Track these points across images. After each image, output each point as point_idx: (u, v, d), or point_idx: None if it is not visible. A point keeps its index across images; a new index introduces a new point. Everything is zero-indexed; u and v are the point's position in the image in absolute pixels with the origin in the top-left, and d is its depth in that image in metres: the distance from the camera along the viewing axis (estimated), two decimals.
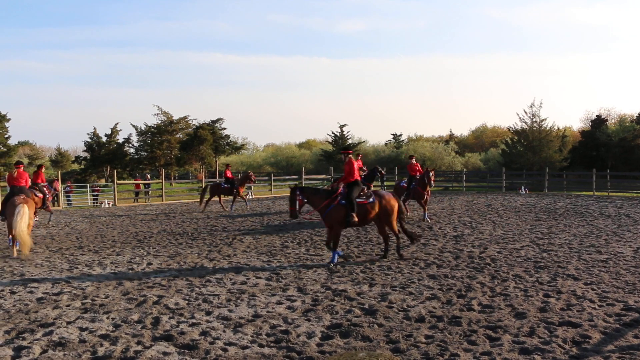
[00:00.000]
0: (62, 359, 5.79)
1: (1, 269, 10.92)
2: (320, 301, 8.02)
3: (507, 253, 11.76)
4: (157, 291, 8.78)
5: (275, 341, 6.28)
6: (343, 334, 6.51)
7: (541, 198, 27.98)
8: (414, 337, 6.32)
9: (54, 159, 78.39)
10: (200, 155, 62.51)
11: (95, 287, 9.13)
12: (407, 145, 74.36)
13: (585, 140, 54.22)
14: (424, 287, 8.82)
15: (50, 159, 79.29)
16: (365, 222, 11.45)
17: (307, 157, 79.46)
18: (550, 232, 14.83)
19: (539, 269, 10.07)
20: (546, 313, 7.18)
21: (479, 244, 13.09)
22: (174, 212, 23.94)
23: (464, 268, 10.28)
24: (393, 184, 40.36)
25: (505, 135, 66.04)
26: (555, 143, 53.89)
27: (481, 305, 7.63)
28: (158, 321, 7.11)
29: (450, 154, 66.87)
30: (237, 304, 7.97)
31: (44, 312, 7.65)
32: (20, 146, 79.31)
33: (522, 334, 6.33)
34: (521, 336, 6.27)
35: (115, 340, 6.36)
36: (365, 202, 11.20)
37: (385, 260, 11.21)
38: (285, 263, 11.10)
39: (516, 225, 16.48)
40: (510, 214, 19.98)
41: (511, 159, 53.59)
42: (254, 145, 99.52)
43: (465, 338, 6.26)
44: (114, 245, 13.88)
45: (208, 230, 16.73)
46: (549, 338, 6.17)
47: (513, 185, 37.68)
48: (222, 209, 24.17)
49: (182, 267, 10.88)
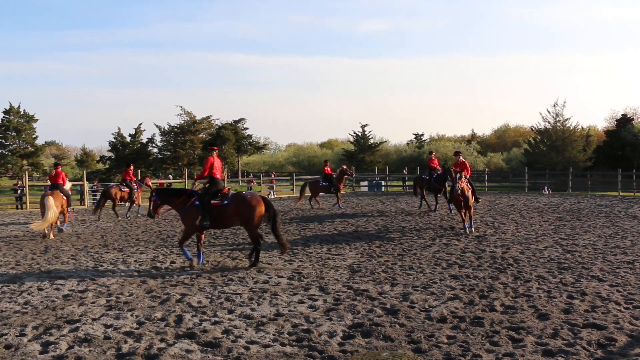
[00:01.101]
0: (88, 355, 5.86)
1: (29, 266, 11.10)
2: (342, 300, 8.01)
3: (530, 254, 11.63)
4: (180, 289, 8.84)
5: (296, 340, 6.29)
6: (364, 333, 6.49)
7: (565, 198, 27.62)
8: (436, 337, 6.28)
9: (79, 159, 79.57)
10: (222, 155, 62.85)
11: (119, 285, 9.23)
12: (428, 145, 73.98)
13: (610, 139, 53.40)
14: (446, 287, 8.76)
15: (76, 158, 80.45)
16: (222, 225, 10.97)
17: (328, 156, 79.34)
18: (574, 233, 14.63)
19: (563, 270, 9.93)
20: (570, 315, 7.08)
21: (501, 244, 12.95)
22: None
23: (486, 268, 10.18)
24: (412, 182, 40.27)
25: (528, 134, 65.44)
26: (579, 142, 53.29)
27: (504, 306, 7.55)
28: (181, 319, 7.15)
29: (472, 153, 66.48)
30: (259, 302, 7.99)
31: (70, 308, 7.75)
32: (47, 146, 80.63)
33: (545, 336, 6.25)
34: (544, 338, 6.19)
35: (139, 337, 6.42)
36: (218, 204, 10.58)
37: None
38: (307, 262, 11.11)
39: (539, 226, 16.29)
40: (533, 214, 19.75)
41: (534, 158, 53.10)
42: (276, 145, 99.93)
43: (488, 339, 6.20)
44: (138, 244, 14.02)
45: (230, 230, 16.80)
46: (573, 340, 6.08)
47: (536, 185, 37.27)
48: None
49: (205, 265, 10.94)
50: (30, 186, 29.83)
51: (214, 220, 10.70)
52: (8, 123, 58.82)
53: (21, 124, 59.53)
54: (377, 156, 69.56)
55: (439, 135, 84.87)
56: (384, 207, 23.88)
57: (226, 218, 10.67)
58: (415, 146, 75.63)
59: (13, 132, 59.38)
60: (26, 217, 22.11)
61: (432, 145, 72.39)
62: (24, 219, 21.34)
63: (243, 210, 10.53)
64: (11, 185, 39.04)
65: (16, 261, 11.67)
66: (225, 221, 10.82)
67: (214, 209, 10.62)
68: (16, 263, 11.45)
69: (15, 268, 10.90)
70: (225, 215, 10.63)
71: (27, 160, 59.59)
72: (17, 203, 29.28)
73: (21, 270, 10.64)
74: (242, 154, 67.63)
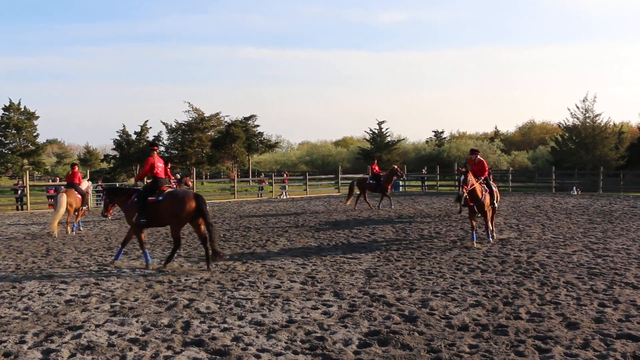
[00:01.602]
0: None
1: (30, 269, 11.20)
2: (358, 307, 7.99)
3: (558, 258, 11.54)
4: (188, 294, 8.88)
5: (310, 348, 6.28)
6: (381, 341, 6.48)
7: (595, 199, 27.40)
8: (457, 346, 6.24)
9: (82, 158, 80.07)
10: (232, 153, 63.14)
11: (124, 290, 9.28)
12: (449, 142, 73.71)
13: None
14: (468, 293, 8.71)
15: (79, 157, 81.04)
16: (157, 222, 11.36)
17: (343, 155, 79.49)
18: (605, 237, 14.50)
19: (593, 275, 9.84)
20: (602, 324, 7.00)
21: (526, 248, 12.87)
22: None
23: (510, 274, 10.12)
24: (434, 183, 40.22)
25: (555, 132, 65.00)
26: (611, 140, 52.75)
27: (529, 314, 7.50)
28: (189, 326, 7.18)
29: (496, 152, 66.14)
30: (270, 308, 7.99)
31: (73, 314, 7.80)
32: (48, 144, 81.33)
33: (575, 346, 6.19)
34: (574, 348, 6.13)
35: (144, 344, 6.45)
36: (154, 199, 11.06)
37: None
38: (321, 266, 11.10)
39: (567, 229, 16.17)
40: (560, 216, 19.61)
41: (562, 157, 52.68)
42: (288, 143, 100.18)
43: (512, 349, 6.15)
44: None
45: (241, 232, 16.85)
46: (605, 352, 6.01)
47: (564, 185, 37.00)
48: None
49: (214, 269, 10.97)
50: (31, 186, 30.17)
51: (149, 218, 11.14)
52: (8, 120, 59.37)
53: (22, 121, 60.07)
54: (394, 155, 69.44)
55: (460, 132, 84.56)
56: (402, 208, 23.84)
57: (161, 215, 11.08)
58: (435, 144, 75.42)
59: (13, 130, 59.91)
60: (27, 218, 22.33)
61: (453, 143, 72.19)
62: (25, 220, 21.55)
63: (173, 206, 10.88)
64: (11, 186, 39.40)
65: (16, 265, 11.78)
66: (161, 219, 11.20)
67: (150, 206, 11.09)
68: (16, 266, 11.56)
69: (15, 272, 11.01)
70: (159, 213, 11.05)
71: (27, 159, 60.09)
72: (18, 204, 29.56)
73: (21, 274, 10.73)
74: (253, 152, 67.81)
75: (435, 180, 40.63)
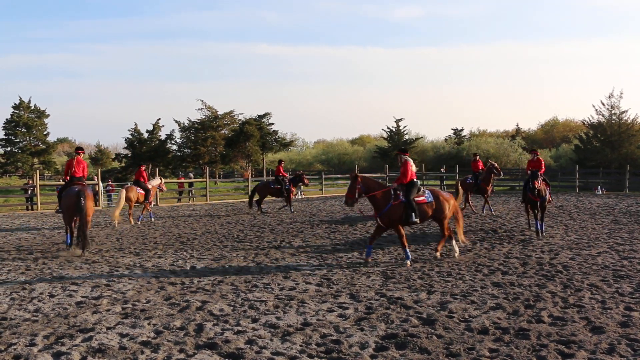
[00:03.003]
0: None
1: (40, 271, 11.31)
2: (375, 309, 7.99)
3: (582, 260, 11.45)
4: (201, 296, 8.92)
5: (325, 351, 6.29)
6: (399, 345, 6.47)
7: (621, 199, 27.14)
8: (477, 350, 6.22)
9: (93, 157, 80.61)
10: (246, 152, 63.20)
11: (136, 292, 9.35)
12: (469, 141, 73.31)
13: None
14: (488, 295, 8.67)
15: (90, 156, 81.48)
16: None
17: (360, 154, 79.32)
18: (632, 238, 14.37)
19: (619, 278, 9.76)
20: (628, 328, 6.94)
21: (549, 249, 12.79)
22: (219, 212, 24.30)
23: (532, 275, 10.06)
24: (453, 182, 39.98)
25: (579, 129, 64.43)
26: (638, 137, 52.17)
27: (552, 317, 7.45)
28: (201, 328, 7.21)
29: (517, 150, 65.60)
30: (285, 310, 8.01)
31: (83, 316, 7.87)
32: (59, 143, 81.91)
33: (600, 351, 6.14)
34: (599, 353, 6.08)
35: (156, 347, 6.49)
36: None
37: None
38: (336, 267, 11.11)
39: (592, 229, 16.03)
40: (584, 216, 19.45)
41: (586, 155, 52.18)
42: (303, 141, 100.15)
43: (534, 353, 6.12)
44: (156, 248, 14.18)
45: (255, 232, 16.90)
46: (632, 357, 5.96)
47: (588, 184, 36.70)
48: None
49: (227, 271, 11.02)
50: (42, 186, 30.36)
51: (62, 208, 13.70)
52: (18, 119, 60.01)
53: (32, 120, 60.70)
54: (412, 153, 69.19)
55: (480, 130, 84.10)
56: None
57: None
58: (454, 142, 75.06)
59: (23, 129, 60.57)
60: (37, 218, 22.54)
61: (473, 141, 71.76)
62: (35, 220, 21.76)
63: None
64: (21, 185, 39.79)
65: (26, 265, 11.90)
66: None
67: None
68: (26, 267, 11.67)
69: (25, 273, 11.11)
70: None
71: (38, 158, 60.70)
72: (28, 204, 29.82)
73: (32, 275, 10.83)
74: (268, 151, 67.86)
75: (455, 180, 40.40)
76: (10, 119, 60.51)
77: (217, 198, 34.05)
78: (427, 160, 67.17)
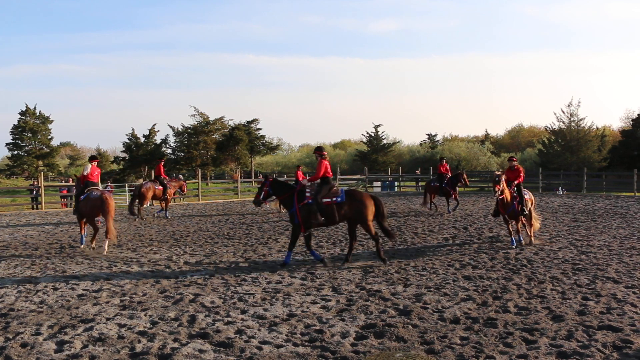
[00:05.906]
0: (102, 354, 5.90)
1: (44, 265, 11.19)
2: (355, 301, 7.99)
3: (544, 255, 11.54)
4: (194, 289, 8.87)
5: (309, 340, 6.28)
6: (377, 334, 6.48)
7: (579, 199, 27.40)
8: (449, 338, 6.25)
9: None
10: (236, 155, 63.12)
11: (133, 285, 9.28)
12: (442, 145, 73.69)
13: (625, 139, 52.82)
14: (459, 288, 8.71)
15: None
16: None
17: (342, 157, 79.36)
18: (588, 234, 14.51)
19: (577, 271, 9.85)
20: (585, 316, 7.01)
21: (515, 245, 12.85)
22: (210, 211, 24.19)
23: (499, 269, 10.12)
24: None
25: (542, 135, 65.00)
26: (594, 143, 52.87)
27: (517, 307, 7.50)
28: (194, 319, 7.18)
29: (486, 154, 66.15)
30: (272, 303, 8.00)
31: (85, 308, 7.80)
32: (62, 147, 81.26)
33: (559, 338, 6.20)
34: (559, 339, 6.14)
35: (152, 337, 6.45)
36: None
37: (421, 260, 11.10)
38: (319, 263, 11.09)
39: (553, 227, 16.17)
40: (547, 214, 19.60)
41: (548, 159, 52.75)
42: (289, 145, 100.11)
43: (501, 340, 6.16)
44: (152, 244, 14.09)
45: (244, 230, 16.85)
46: (587, 342, 6.03)
47: (550, 185, 37.01)
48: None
49: (218, 266, 10.97)
50: (46, 187, 30.09)
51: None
52: (24, 124, 59.59)
53: (37, 125, 60.28)
54: (390, 157, 69.52)
55: (452, 135, 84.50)
56: (396, 207, 23.84)
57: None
58: (429, 146, 75.38)
59: (29, 133, 60.14)
60: (41, 217, 22.30)
61: (445, 145, 72.14)
62: (40, 219, 21.52)
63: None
64: (27, 186, 39.36)
65: (32, 261, 11.78)
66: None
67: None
68: (32, 262, 11.55)
69: (31, 267, 11.00)
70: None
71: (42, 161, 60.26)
72: (33, 203, 29.52)
73: (37, 270, 10.73)
74: (256, 154, 67.79)
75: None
76: (17, 125, 60.08)
77: (209, 198, 33.87)
78: (403, 163, 67.41)
